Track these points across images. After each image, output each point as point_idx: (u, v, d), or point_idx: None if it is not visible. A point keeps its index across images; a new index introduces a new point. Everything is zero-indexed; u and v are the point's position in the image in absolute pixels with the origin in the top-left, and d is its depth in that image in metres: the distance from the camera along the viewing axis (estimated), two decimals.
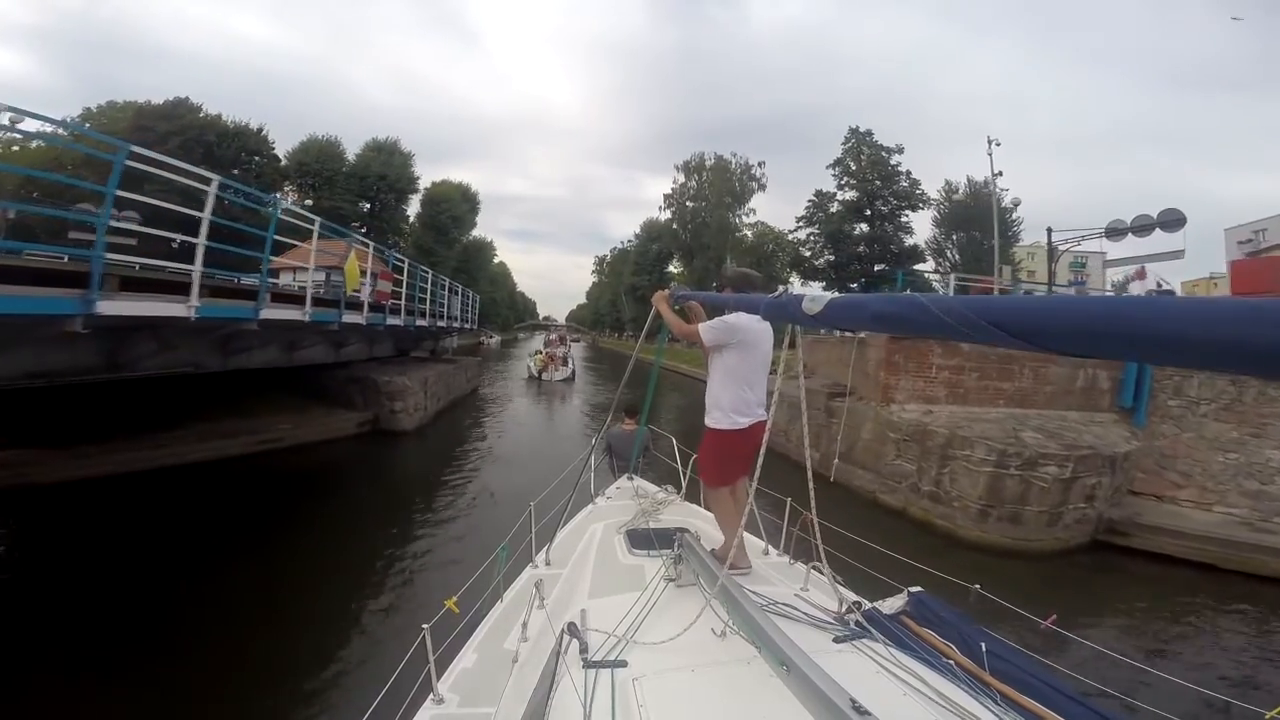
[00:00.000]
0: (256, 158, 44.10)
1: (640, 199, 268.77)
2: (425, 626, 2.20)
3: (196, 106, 41.99)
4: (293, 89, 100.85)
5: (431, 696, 2.15)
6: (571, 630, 1.91)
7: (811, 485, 2.29)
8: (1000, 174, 21.90)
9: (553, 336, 39.40)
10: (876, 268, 45.86)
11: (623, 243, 75.81)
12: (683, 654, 1.76)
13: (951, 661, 2.03)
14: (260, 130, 44.55)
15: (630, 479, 4.41)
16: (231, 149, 41.82)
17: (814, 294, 1.44)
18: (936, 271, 43.95)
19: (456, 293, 20.07)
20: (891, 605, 2.60)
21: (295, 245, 12.48)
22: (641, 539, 3.01)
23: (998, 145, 22.02)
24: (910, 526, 8.63)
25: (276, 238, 8.00)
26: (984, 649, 2.17)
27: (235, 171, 39.19)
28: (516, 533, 3.30)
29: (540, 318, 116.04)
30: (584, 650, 1.77)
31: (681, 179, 47.88)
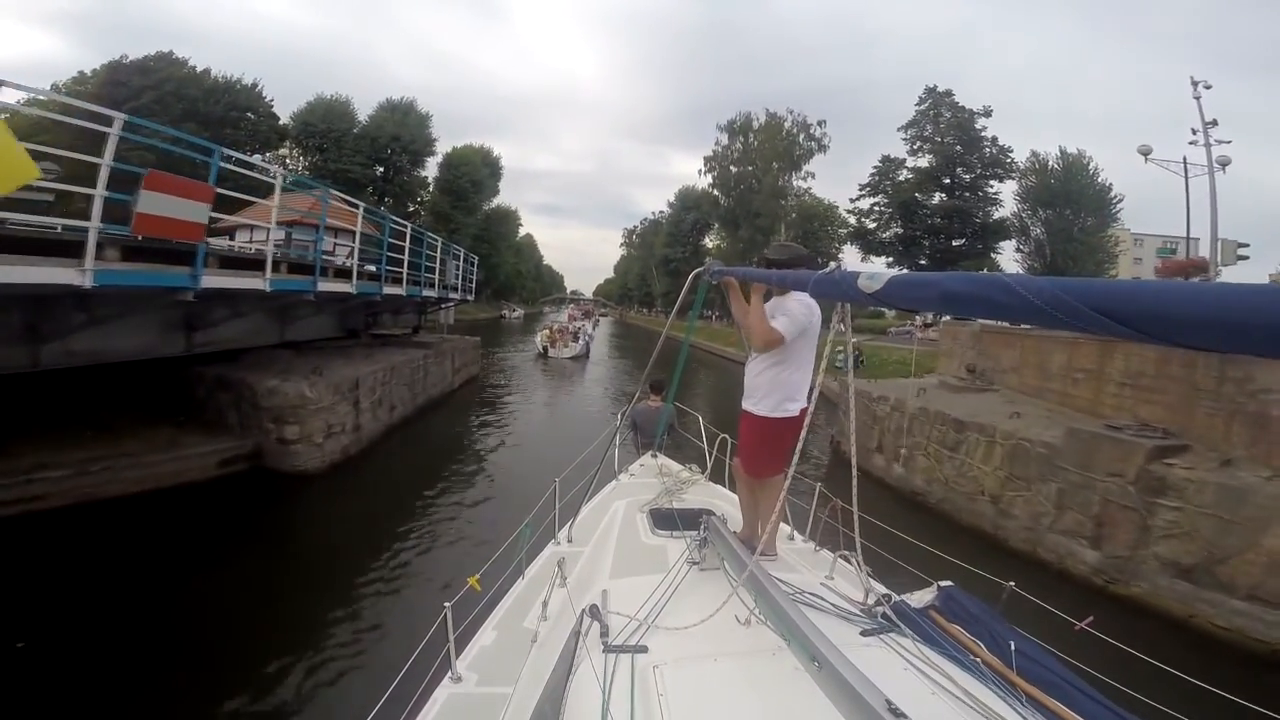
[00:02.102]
0: (250, 114, 39.49)
1: (668, 174, 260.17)
2: (447, 605, 2.10)
3: (181, 61, 37.55)
4: (320, 68, 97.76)
5: (449, 675, 2.09)
6: (592, 612, 1.84)
7: (855, 473, 2.12)
8: (1214, 123, 15.49)
9: (573, 310, 35.22)
10: (955, 242, 39.68)
11: (654, 213, 70.72)
12: (705, 641, 1.66)
13: (979, 660, 1.87)
14: (255, 85, 40.07)
15: (654, 456, 4.29)
16: (220, 105, 37.29)
17: (871, 270, 1.31)
18: (1019, 250, 37.40)
19: (440, 249, 14.61)
20: (920, 599, 2.32)
21: (254, 203, 10.80)
22: (665, 519, 2.93)
23: (1207, 88, 15.93)
24: None
25: (237, 195, 7.20)
26: (1013, 648, 1.96)
27: (227, 131, 35.13)
28: (540, 509, 3.14)
29: (568, 292, 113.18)
30: (604, 633, 1.71)
31: (724, 140, 41.46)
